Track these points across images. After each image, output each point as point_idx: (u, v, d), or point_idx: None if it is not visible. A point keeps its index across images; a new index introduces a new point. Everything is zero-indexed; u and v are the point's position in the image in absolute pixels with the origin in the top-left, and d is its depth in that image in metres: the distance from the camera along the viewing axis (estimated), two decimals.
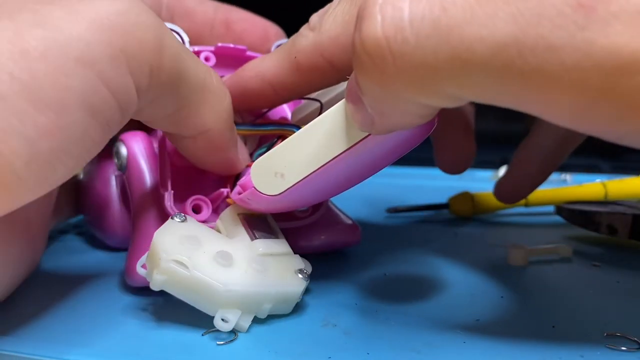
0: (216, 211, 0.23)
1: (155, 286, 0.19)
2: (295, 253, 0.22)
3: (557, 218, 0.33)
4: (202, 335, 0.19)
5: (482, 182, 0.48)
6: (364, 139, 0.18)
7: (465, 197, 0.36)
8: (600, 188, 0.36)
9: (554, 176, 0.49)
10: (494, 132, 0.54)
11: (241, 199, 0.21)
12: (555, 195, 0.36)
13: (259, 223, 0.22)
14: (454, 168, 0.30)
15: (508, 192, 0.31)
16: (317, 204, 0.26)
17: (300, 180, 0.19)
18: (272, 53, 0.22)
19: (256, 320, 0.20)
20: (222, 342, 0.19)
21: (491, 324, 0.20)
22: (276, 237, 0.22)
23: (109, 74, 0.17)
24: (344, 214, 0.28)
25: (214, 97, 0.20)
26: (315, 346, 0.19)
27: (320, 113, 0.23)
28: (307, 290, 0.23)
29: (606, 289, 0.24)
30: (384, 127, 0.16)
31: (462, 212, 0.36)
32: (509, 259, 0.27)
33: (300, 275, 0.20)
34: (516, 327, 0.20)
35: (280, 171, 0.19)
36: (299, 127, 0.22)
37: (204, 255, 0.19)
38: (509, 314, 0.21)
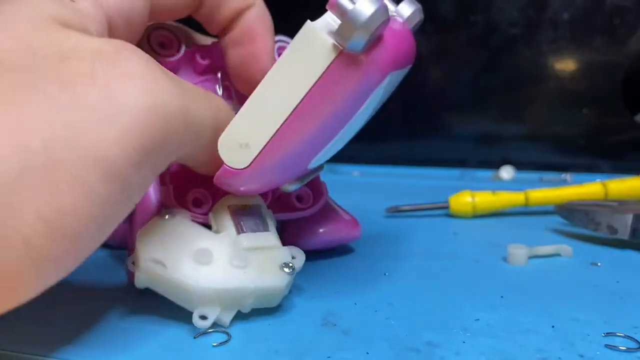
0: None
1: (139, 284, 0.19)
2: None
3: (557, 218, 0.33)
4: (195, 337, 0.19)
5: (482, 182, 0.48)
6: (319, 78, 0.17)
7: (465, 197, 0.36)
8: (600, 188, 0.36)
9: (554, 176, 0.49)
10: (493, 133, 0.54)
11: (220, 182, 0.21)
12: (555, 195, 0.36)
13: (250, 215, 0.22)
14: None
15: None
16: (316, 194, 0.26)
17: (265, 146, 0.18)
18: None
19: (255, 319, 0.20)
20: (217, 344, 0.19)
21: (491, 324, 0.20)
22: (266, 229, 0.21)
23: (133, 180, 0.16)
24: (343, 210, 0.28)
25: (223, 128, 0.20)
26: (314, 345, 0.19)
27: None
28: (306, 290, 0.23)
29: (606, 288, 0.24)
30: None
31: (462, 212, 0.36)
32: (509, 259, 0.27)
33: (285, 269, 0.20)
34: (516, 327, 0.20)
35: (244, 141, 0.19)
36: None
37: (183, 254, 0.19)
38: (508, 313, 0.21)
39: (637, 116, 0.49)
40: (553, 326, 0.20)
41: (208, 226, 0.21)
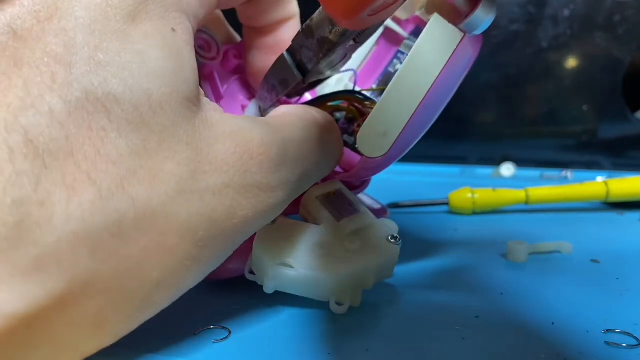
0: (297, 202, 0.23)
1: (268, 290, 0.20)
2: None
3: (557, 215, 0.33)
4: (196, 334, 0.19)
5: (482, 178, 0.48)
6: (449, 60, 0.19)
7: (466, 194, 0.36)
8: (601, 187, 0.36)
9: (554, 173, 0.49)
10: (494, 129, 0.54)
11: (350, 175, 0.22)
12: (556, 193, 0.36)
13: (338, 199, 0.22)
14: None
15: None
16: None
17: (402, 131, 0.20)
18: None
19: (254, 317, 0.20)
20: (218, 340, 0.19)
21: (490, 321, 0.20)
22: (357, 208, 0.22)
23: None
24: (372, 198, 0.29)
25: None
26: (313, 343, 0.19)
27: (354, 81, 0.26)
28: None
29: (606, 285, 0.24)
30: None
31: (462, 209, 0.36)
32: (509, 255, 0.27)
33: (392, 241, 0.21)
34: (515, 324, 0.20)
35: (382, 131, 0.20)
36: (357, 92, 0.24)
37: (305, 253, 0.20)
38: (508, 310, 0.21)
39: (638, 113, 0.49)
40: (553, 323, 0.20)
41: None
